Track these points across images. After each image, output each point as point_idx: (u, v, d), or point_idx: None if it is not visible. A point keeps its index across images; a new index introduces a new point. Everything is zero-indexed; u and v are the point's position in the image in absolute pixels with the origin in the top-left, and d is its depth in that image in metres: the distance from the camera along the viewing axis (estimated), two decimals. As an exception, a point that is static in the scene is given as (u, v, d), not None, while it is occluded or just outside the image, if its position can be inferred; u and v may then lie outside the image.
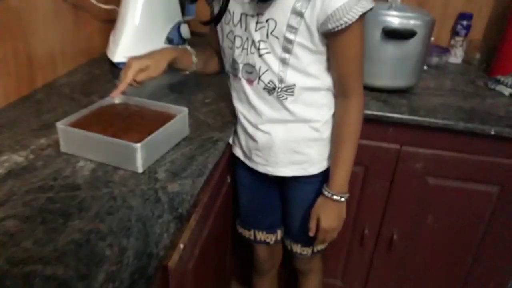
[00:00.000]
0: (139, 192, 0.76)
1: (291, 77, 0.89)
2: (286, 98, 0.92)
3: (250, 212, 1.18)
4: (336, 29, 0.80)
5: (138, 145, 0.78)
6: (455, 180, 1.26)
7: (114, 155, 0.82)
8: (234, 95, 1.02)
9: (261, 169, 1.03)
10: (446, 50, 1.64)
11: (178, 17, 1.42)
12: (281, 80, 0.90)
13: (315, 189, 1.03)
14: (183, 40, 1.43)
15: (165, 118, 0.92)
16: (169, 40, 1.38)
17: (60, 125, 0.83)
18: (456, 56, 1.66)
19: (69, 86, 1.18)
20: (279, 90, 0.91)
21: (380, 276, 1.46)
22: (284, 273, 1.42)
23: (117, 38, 1.32)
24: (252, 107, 0.97)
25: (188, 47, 1.03)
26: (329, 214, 0.98)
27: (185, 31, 1.41)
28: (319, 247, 1.13)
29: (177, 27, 1.40)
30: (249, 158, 1.05)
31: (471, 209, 1.29)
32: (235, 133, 1.08)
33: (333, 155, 0.98)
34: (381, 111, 1.20)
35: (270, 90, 0.92)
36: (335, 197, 0.96)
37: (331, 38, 0.84)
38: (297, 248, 1.16)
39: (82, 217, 0.69)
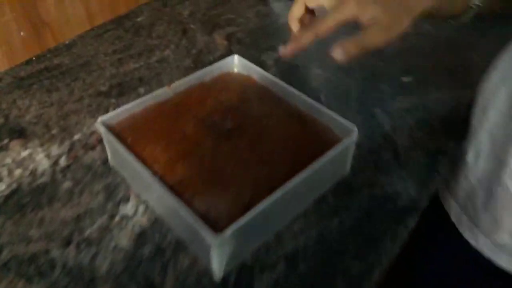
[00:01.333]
0: None
1: None
2: None
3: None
4: None
5: (217, 238, 0.33)
6: None
7: (179, 225, 0.40)
8: None
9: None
10: None
11: None
12: None
13: None
14: None
15: (309, 139, 0.44)
16: None
17: (100, 125, 0.42)
18: None
19: (191, 6, 0.75)
20: None
21: None
22: None
23: None
24: None
25: None
26: None
27: None
28: None
29: None
30: (487, 234, 0.50)
31: None
32: (461, 169, 0.54)
33: None
34: None
35: None
36: None
37: None
38: None
39: None
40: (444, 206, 0.58)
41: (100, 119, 0.43)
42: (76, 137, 0.50)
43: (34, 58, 0.62)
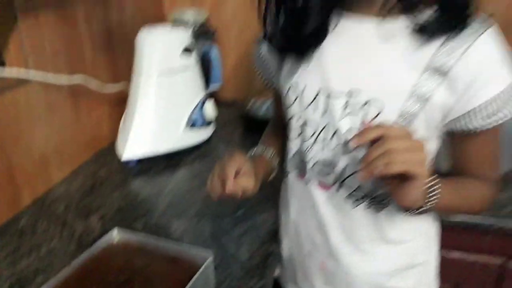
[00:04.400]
0: None
1: None
2: (380, 211, 0.63)
3: None
4: (481, 129, 0.56)
5: None
6: None
7: None
8: (292, 202, 0.73)
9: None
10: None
11: (201, 92, 1.16)
12: (375, 186, 0.61)
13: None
14: (207, 121, 1.16)
15: (181, 271, 0.64)
16: (190, 124, 1.11)
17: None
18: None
19: (64, 201, 0.93)
20: (372, 199, 0.63)
21: None
22: None
23: (126, 127, 1.07)
24: (323, 223, 0.67)
25: (264, 151, 0.77)
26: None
27: (209, 110, 1.15)
28: None
29: (200, 106, 1.14)
30: None
31: None
32: (283, 261, 0.79)
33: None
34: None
35: (358, 199, 0.63)
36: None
37: (462, 136, 0.59)
38: None
39: None
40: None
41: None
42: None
43: None
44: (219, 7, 1.41)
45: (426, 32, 0.53)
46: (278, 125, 0.79)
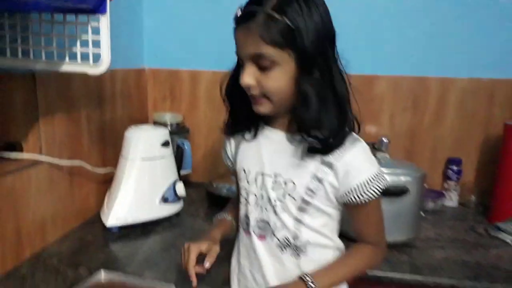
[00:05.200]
0: None
1: (305, 234, 0.90)
2: (299, 255, 0.91)
3: None
4: (361, 201, 0.87)
5: None
6: None
7: None
8: (242, 251, 0.99)
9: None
10: (440, 194, 1.64)
11: (174, 175, 1.46)
12: (295, 237, 0.90)
13: None
14: (178, 198, 1.44)
15: None
16: (164, 199, 1.39)
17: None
18: (452, 200, 1.65)
19: (57, 256, 1.15)
20: (293, 246, 0.91)
21: None
22: None
23: (111, 200, 1.33)
24: (262, 265, 0.94)
25: (226, 215, 1.07)
26: None
27: (180, 189, 1.43)
28: None
29: (173, 186, 1.42)
30: None
31: None
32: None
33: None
34: (380, 270, 1.14)
35: (285, 247, 0.92)
36: (311, 284, 0.86)
37: (352, 207, 0.90)
38: None
39: None
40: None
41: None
42: None
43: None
44: (192, 111, 1.81)
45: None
46: (238, 198, 1.08)
